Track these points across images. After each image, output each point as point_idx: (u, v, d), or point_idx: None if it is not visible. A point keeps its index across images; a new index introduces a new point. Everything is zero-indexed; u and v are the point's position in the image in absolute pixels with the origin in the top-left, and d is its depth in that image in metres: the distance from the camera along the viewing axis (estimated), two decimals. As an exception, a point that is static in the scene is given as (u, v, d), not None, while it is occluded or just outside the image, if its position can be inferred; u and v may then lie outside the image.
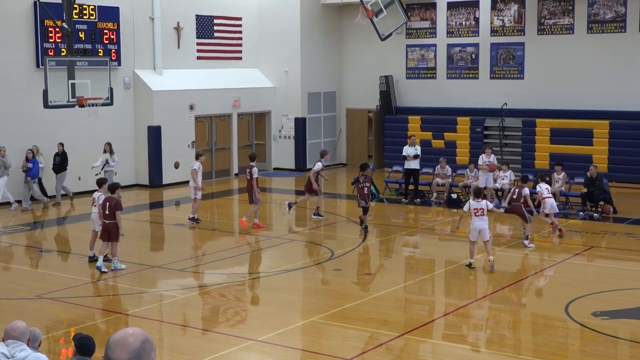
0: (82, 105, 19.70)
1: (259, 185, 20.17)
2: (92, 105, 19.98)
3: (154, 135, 27.05)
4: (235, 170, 30.02)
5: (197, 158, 21.04)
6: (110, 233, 15.87)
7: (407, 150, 24.34)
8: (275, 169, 31.53)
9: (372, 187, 24.10)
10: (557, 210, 19.36)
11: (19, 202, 22.94)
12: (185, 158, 27.81)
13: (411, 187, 24.42)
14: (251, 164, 20.26)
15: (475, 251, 16.00)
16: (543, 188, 18.88)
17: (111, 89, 20.43)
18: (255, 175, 19.93)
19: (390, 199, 24.72)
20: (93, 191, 17.19)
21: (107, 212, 15.83)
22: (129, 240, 19.20)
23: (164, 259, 17.33)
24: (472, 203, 15.89)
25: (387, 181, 25.77)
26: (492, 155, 23.84)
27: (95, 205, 16.41)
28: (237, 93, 30.02)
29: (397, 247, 18.89)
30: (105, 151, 24.10)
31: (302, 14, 30.84)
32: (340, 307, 13.45)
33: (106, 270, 15.81)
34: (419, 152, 24.31)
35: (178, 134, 27.73)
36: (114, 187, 16.45)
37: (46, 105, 19.30)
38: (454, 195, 23.52)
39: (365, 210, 19.67)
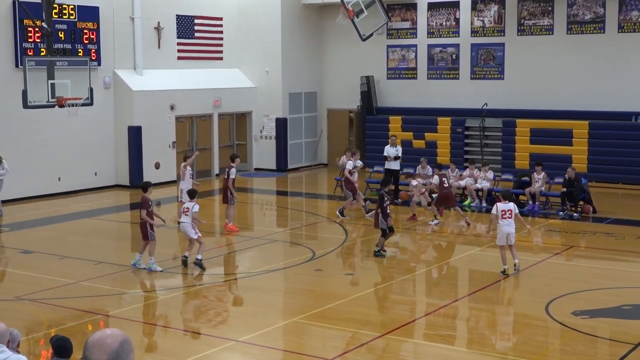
0: (62, 106, 19.58)
1: (234, 186, 20.02)
2: (72, 105, 19.86)
3: (135, 135, 26.95)
4: (216, 170, 29.96)
5: (185, 159, 20.92)
6: (141, 232, 16.17)
7: (388, 151, 24.38)
8: (256, 169, 31.49)
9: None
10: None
11: None
12: (166, 158, 27.76)
13: (392, 187, 24.40)
14: (231, 164, 20.20)
15: (506, 256, 15.48)
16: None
17: (91, 89, 20.32)
18: (232, 177, 19.86)
19: (371, 199, 24.73)
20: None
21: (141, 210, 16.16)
22: (109, 241, 19.12)
23: (144, 260, 17.25)
24: (499, 205, 15.49)
25: (368, 181, 25.80)
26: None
27: (187, 214, 16.34)
28: (217, 93, 29.96)
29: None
30: None
31: (283, 14, 30.82)
32: (321, 308, 13.46)
33: (144, 266, 15.97)
34: (400, 154, 24.35)
35: (159, 134, 27.63)
36: (145, 186, 16.56)
37: (25, 105, 19.17)
38: (435, 195, 23.52)
39: (385, 232, 17.12)
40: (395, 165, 24.27)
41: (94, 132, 26.38)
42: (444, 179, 20.99)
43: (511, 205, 15.49)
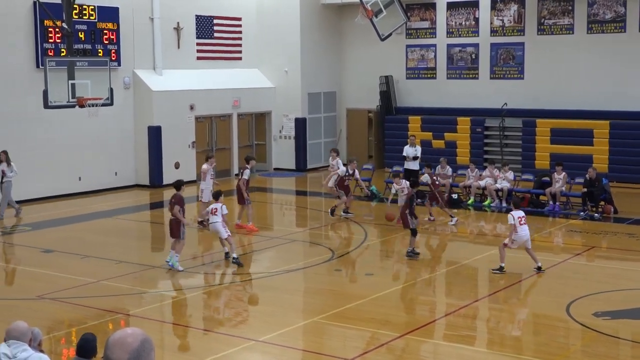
0: (82, 106, 19.68)
1: (247, 187, 20.01)
2: (92, 105, 19.95)
3: (154, 135, 27.05)
4: (236, 170, 29.99)
5: (207, 160, 20.93)
6: (171, 229, 16.24)
7: (407, 151, 24.36)
8: (275, 169, 31.52)
9: (372, 187, 24.18)
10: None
11: None
12: (186, 158, 27.85)
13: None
14: (246, 166, 20.25)
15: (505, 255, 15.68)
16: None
17: (111, 89, 20.40)
18: (244, 177, 19.88)
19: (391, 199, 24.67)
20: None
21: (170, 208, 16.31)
22: (129, 241, 19.21)
23: (164, 260, 17.31)
24: (514, 213, 15.59)
25: (388, 181, 25.73)
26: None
27: (217, 215, 16.52)
28: (237, 93, 30.02)
29: (397, 247, 18.86)
30: (1, 161, 21.69)
31: (302, 14, 30.83)
32: (341, 308, 13.44)
33: (167, 260, 16.11)
34: (419, 154, 24.35)
35: (178, 134, 27.72)
36: (179, 185, 16.76)
37: (46, 105, 19.28)
38: (455, 196, 23.51)
39: (415, 232, 17.18)
40: (414, 166, 24.25)
41: (114, 132, 26.50)
42: (434, 177, 21.46)
43: (522, 212, 15.86)
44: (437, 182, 21.43)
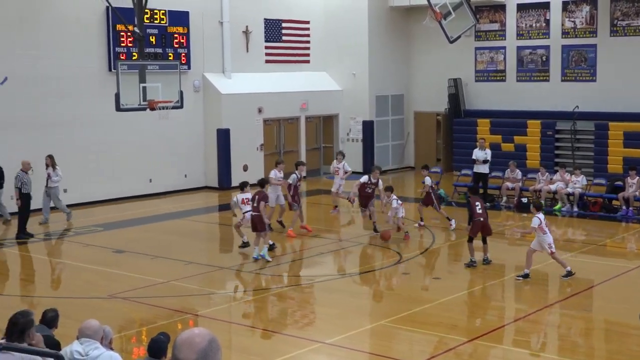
0: (153, 109, 19.95)
1: (295, 192, 19.93)
2: (163, 108, 20.22)
3: (223, 138, 27.31)
4: (304, 173, 30.04)
5: (276, 165, 20.85)
6: (255, 224, 17.02)
7: (477, 154, 24.13)
8: (342, 172, 31.44)
9: (440, 191, 23.98)
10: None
11: None
12: (254, 161, 28.06)
13: (480, 190, 24.19)
14: (295, 171, 20.30)
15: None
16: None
17: (181, 93, 20.66)
18: (289, 182, 19.89)
19: (459, 202, 24.47)
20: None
21: (255, 204, 17.09)
22: (199, 242, 19.42)
23: (232, 261, 17.48)
24: (541, 216, 15.33)
25: (456, 185, 25.55)
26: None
27: (248, 205, 17.56)
28: (305, 96, 30.14)
29: (465, 251, 18.64)
30: (47, 165, 21.48)
31: (370, 16, 30.80)
32: (408, 311, 13.37)
33: (270, 259, 16.98)
34: (489, 157, 24.10)
35: (247, 137, 27.94)
36: (263, 182, 18.10)
37: (118, 108, 19.62)
38: (524, 200, 23.19)
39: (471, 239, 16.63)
40: (483, 169, 24.03)
41: (184, 135, 26.85)
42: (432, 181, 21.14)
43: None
44: (433, 186, 20.91)
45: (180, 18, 26.45)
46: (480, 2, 29.79)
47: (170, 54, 26.09)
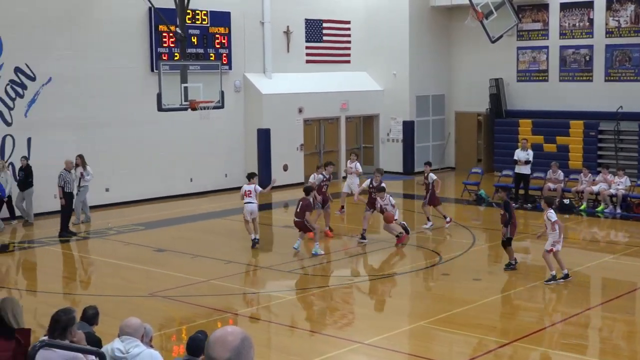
0: (194, 109, 20.08)
1: (321, 191, 19.88)
2: (204, 108, 20.35)
3: (264, 137, 27.42)
4: (343, 173, 30.08)
5: (317, 170, 20.76)
6: (299, 228, 17.78)
7: (519, 155, 23.93)
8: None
9: (481, 192, 23.85)
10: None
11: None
12: (294, 161, 28.12)
13: (521, 191, 24.01)
14: (322, 170, 20.32)
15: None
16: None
17: (222, 93, 20.77)
18: (314, 181, 19.90)
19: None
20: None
21: (298, 210, 17.68)
22: (239, 242, 19.51)
23: (272, 260, 17.54)
24: (553, 213, 15.18)
25: (497, 185, 25.32)
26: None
27: (250, 196, 18.52)
28: (345, 96, 30.13)
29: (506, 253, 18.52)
30: (77, 165, 21.41)
31: (411, 16, 30.70)
32: (447, 312, 13.30)
33: (297, 249, 17.70)
34: (531, 158, 23.87)
35: (287, 136, 28.02)
36: (308, 190, 18.15)
37: (160, 108, 19.79)
38: (566, 201, 22.95)
39: (507, 241, 16.33)
40: (525, 170, 23.82)
41: (225, 135, 27.01)
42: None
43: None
44: (431, 184, 20.70)
45: (221, 18, 26.60)
46: (523, 1, 29.54)
47: (211, 54, 26.25)
